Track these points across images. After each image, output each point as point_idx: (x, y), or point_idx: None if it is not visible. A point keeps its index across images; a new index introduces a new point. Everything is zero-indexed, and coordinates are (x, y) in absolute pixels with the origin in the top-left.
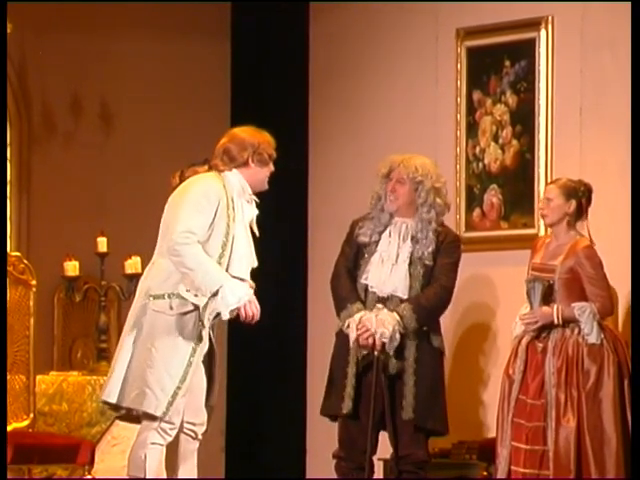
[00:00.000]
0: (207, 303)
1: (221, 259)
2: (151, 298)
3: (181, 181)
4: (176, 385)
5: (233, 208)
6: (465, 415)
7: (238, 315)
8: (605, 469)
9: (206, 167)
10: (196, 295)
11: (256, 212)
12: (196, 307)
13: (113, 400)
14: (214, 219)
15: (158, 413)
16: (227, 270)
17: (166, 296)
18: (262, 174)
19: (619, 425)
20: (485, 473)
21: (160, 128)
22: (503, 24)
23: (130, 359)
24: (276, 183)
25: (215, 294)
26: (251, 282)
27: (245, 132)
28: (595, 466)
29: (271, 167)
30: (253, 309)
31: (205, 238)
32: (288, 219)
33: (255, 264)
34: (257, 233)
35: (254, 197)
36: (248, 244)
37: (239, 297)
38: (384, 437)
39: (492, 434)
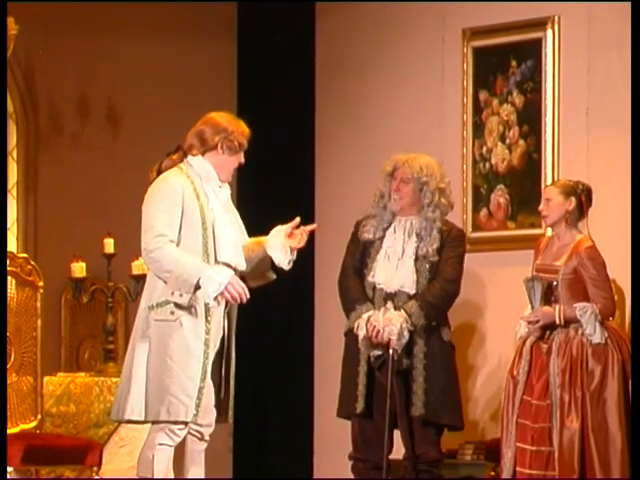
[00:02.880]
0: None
1: (206, 245)
2: (150, 309)
3: (158, 174)
4: (198, 385)
5: (205, 194)
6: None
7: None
8: (610, 469)
9: (180, 153)
10: (181, 295)
11: (229, 192)
12: (191, 306)
13: (140, 418)
14: (183, 213)
15: (189, 419)
16: (216, 256)
17: (163, 303)
18: (230, 163)
19: (623, 425)
20: (493, 473)
21: (166, 129)
22: (509, 24)
23: (146, 374)
24: (283, 181)
25: (199, 287)
26: (242, 264)
27: (221, 117)
28: (600, 466)
29: (241, 158)
30: (238, 289)
31: (178, 235)
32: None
33: (246, 239)
34: (235, 210)
35: (226, 184)
36: (231, 225)
37: (219, 282)
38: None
39: (491, 433)
